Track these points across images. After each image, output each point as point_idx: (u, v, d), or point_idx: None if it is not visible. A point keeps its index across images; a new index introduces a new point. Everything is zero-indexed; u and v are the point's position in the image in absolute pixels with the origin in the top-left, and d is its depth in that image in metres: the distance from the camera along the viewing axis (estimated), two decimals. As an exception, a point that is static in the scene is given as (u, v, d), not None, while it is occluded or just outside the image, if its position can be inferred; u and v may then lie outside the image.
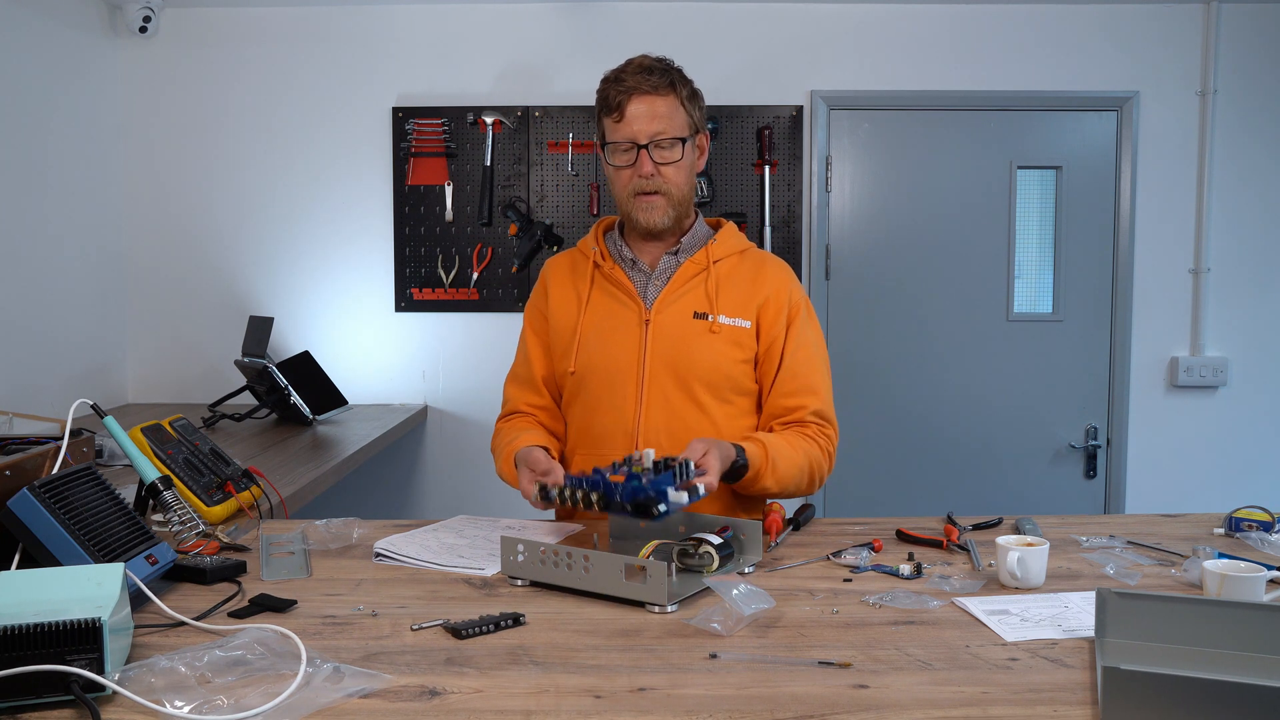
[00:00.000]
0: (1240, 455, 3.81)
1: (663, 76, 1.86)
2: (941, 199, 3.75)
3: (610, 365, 1.90)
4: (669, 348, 1.87)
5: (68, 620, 1.07)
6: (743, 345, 1.89)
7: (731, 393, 1.89)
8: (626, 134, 1.85)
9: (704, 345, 1.87)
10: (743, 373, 1.90)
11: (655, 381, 1.87)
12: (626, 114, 1.84)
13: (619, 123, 1.85)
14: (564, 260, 2.04)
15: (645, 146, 1.84)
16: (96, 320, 3.63)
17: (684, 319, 1.89)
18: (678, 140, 1.86)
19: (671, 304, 1.90)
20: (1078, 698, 1.09)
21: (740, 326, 1.89)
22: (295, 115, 3.76)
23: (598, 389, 1.90)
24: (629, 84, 1.84)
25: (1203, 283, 3.77)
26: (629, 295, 1.92)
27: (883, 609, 1.38)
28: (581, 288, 1.96)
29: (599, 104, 1.89)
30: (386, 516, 2.79)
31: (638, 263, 1.95)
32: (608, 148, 1.88)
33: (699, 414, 1.87)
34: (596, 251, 1.96)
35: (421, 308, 3.78)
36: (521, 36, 3.74)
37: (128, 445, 1.69)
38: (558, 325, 1.97)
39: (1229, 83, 3.72)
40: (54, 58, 3.37)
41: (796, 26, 3.72)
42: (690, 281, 1.91)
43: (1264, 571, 1.38)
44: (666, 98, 1.86)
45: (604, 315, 1.93)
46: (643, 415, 1.87)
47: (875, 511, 3.60)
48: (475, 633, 1.28)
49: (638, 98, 1.84)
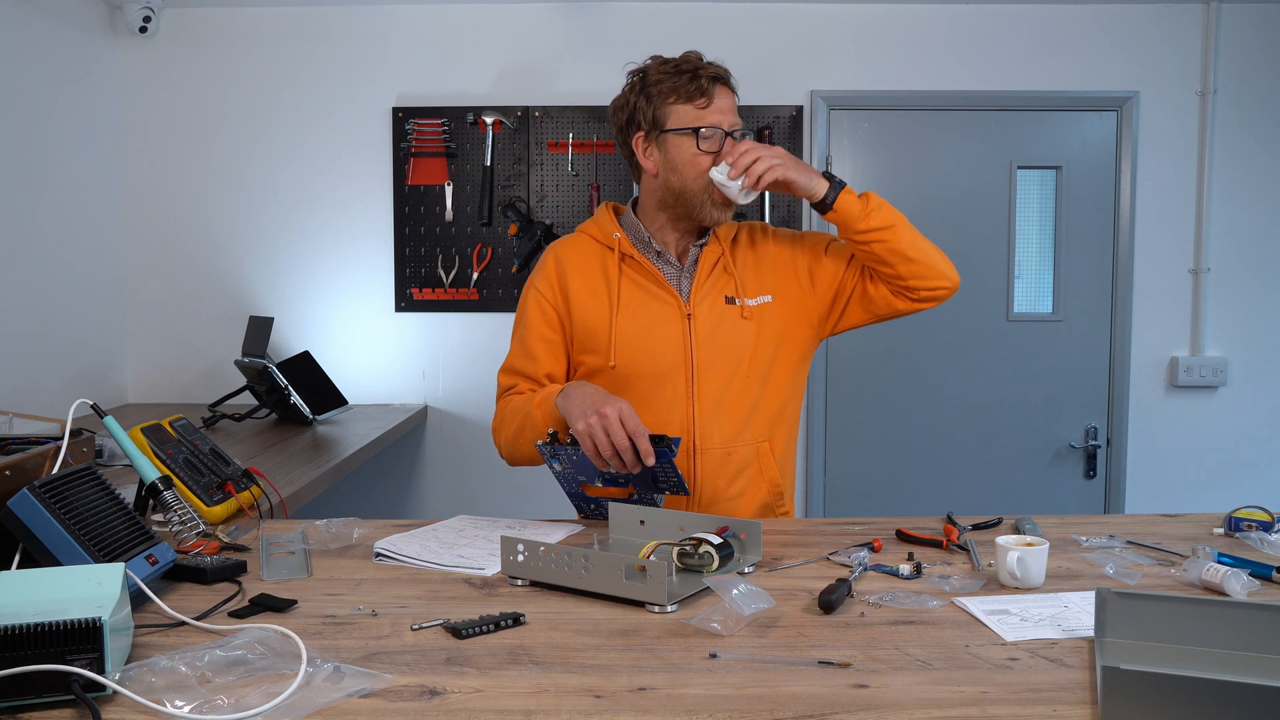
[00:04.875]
0: (1240, 455, 3.81)
1: (727, 71, 1.89)
2: (941, 199, 3.76)
3: (659, 363, 1.88)
4: (713, 340, 1.89)
5: (68, 620, 1.07)
6: (776, 316, 1.92)
7: (775, 369, 1.92)
8: (715, 120, 1.84)
9: (743, 331, 1.90)
10: (781, 346, 1.92)
11: (706, 376, 1.89)
12: (715, 101, 1.84)
13: (706, 109, 1.84)
14: (575, 248, 1.98)
15: (731, 134, 1.84)
16: (96, 320, 3.63)
17: (720, 308, 1.91)
18: (747, 134, 1.88)
19: (707, 295, 1.91)
20: (1077, 698, 1.09)
21: (765, 303, 1.92)
22: (295, 115, 3.76)
23: (645, 388, 1.89)
24: (712, 71, 1.85)
25: (1203, 283, 3.77)
26: (664, 288, 1.91)
27: (883, 609, 1.38)
28: (610, 278, 1.92)
29: (663, 91, 1.85)
30: (386, 516, 2.79)
31: (664, 254, 1.94)
32: (699, 133, 1.84)
33: (750, 400, 1.90)
34: (620, 239, 1.94)
35: (421, 308, 3.78)
36: (521, 36, 3.74)
37: (128, 445, 1.69)
38: (585, 316, 1.92)
39: (1229, 83, 3.73)
40: (54, 58, 3.37)
41: (796, 26, 3.72)
42: (716, 268, 1.93)
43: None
44: (734, 93, 1.90)
45: (642, 311, 1.90)
46: (696, 411, 1.88)
47: (875, 511, 3.60)
48: (475, 633, 1.28)
49: (723, 88, 1.86)
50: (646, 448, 1.66)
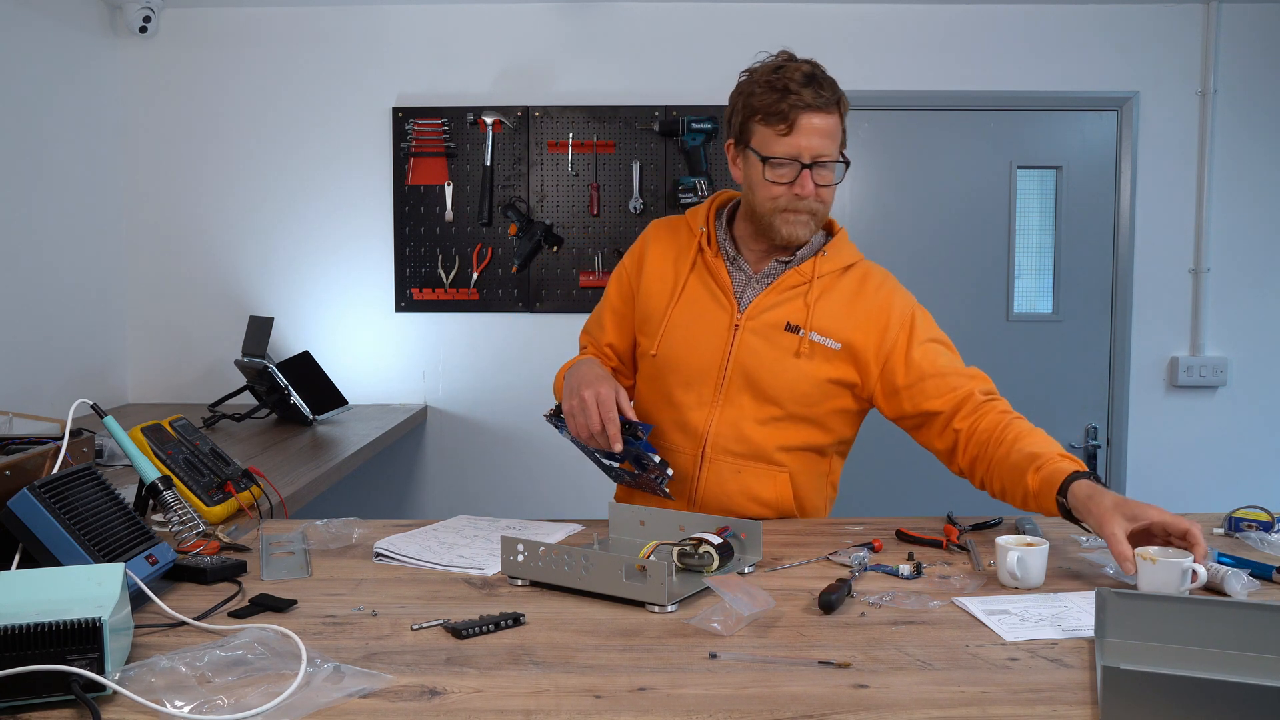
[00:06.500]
0: (1240, 455, 3.81)
1: (832, 92, 1.77)
2: (941, 199, 3.75)
3: (693, 363, 1.87)
4: (753, 358, 1.84)
5: (68, 620, 1.07)
6: (831, 365, 1.83)
7: (807, 411, 1.85)
8: (792, 150, 1.76)
9: (789, 363, 1.83)
10: (825, 394, 1.85)
11: (732, 391, 1.85)
12: (797, 128, 1.75)
13: (784, 136, 1.76)
14: (669, 230, 1.98)
15: (809, 166, 1.76)
16: (96, 320, 3.63)
17: (774, 330, 1.84)
18: (837, 163, 1.80)
19: (765, 311, 1.85)
20: (1077, 698, 1.09)
21: (829, 347, 1.83)
22: (295, 115, 3.76)
23: (673, 385, 1.89)
24: (800, 97, 1.74)
25: (1203, 283, 3.77)
26: (725, 293, 1.88)
27: (883, 609, 1.38)
28: (682, 268, 1.92)
29: (753, 108, 1.79)
30: (386, 516, 2.79)
31: (740, 260, 1.91)
32: (769, 162, 1.77)
33: (770, 428, 1.85)
34: (704, 234, 1.92)
35: (421, 308, 3.78)
36: (521, 36, 3.74)
37: (128, 445, 1.69)
38: (648, 299, 1.93)
39: (1229, 83, 3.72)
40: (54, 57, 3.37)
41: (797, 26, 3.72)
42: (790, 291, 1.86)
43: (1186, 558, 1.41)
44: (832, 116, 1.78)
45: (697, 308, 1.89)
46: (714, 422, 1.86)
47: (875, 511, 3.59)
48: (475, 633, 1.28)
49: (808, 114, 1.75)
50: (615, 433, 1.73)
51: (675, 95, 3.68)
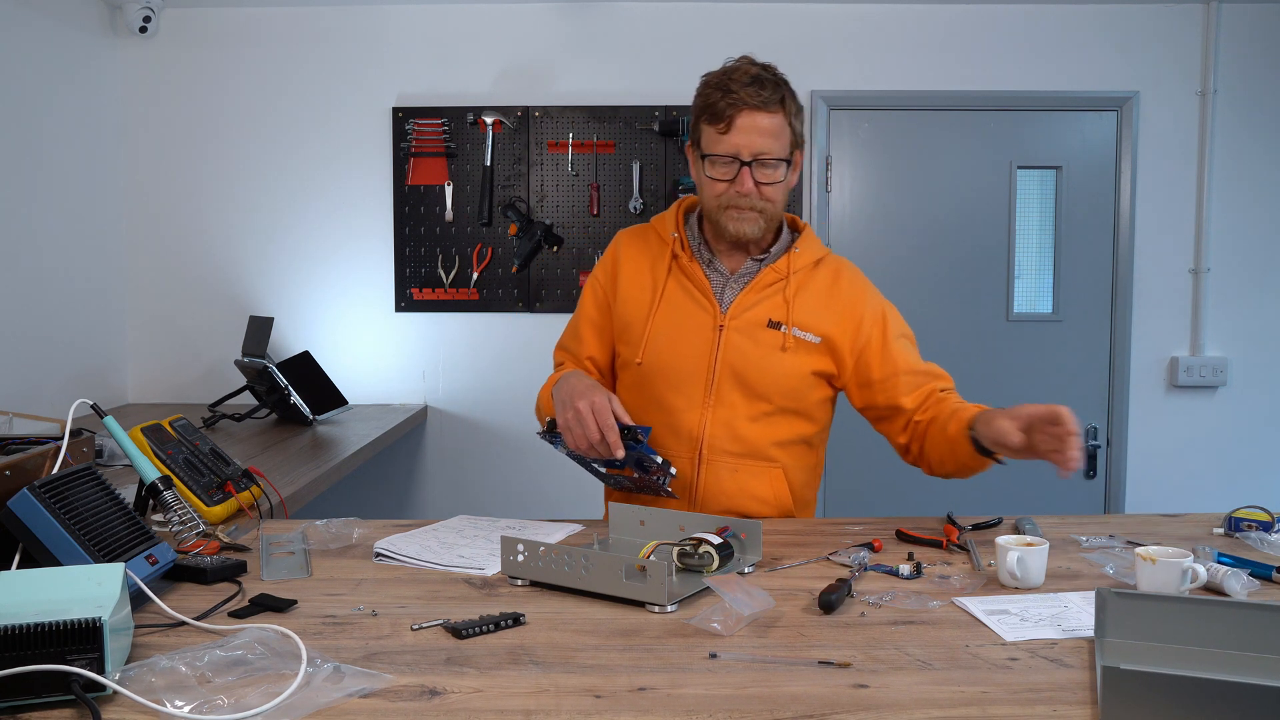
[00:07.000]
0: (1240, 455, 3.81)
1: (774, 92, 1.79)
2: (941, 199, 3.75)
3: (681, 367, 1.88)
4: (740, 357, 1.86)
5: (68, 620, 1.07)
6: (813, 358, 1.88)
7: (795, 405, 1.88)
8: (729, 148, 1.78)
9: (775, 359, 1.86)
10: (810, 386, 1.89)
11: (723, 390, 1.86)
12: (734, 127, 1.77)
13: (724, 134, 1.78)
14: (638, 239, 1.99)
15: (749, 164, 1.78)
16: (96, 320, 3.63)
17: (757, 327, 1.87)
18: (781, 161, 1.81)
19: (747, 310, 1.88)
20: (1077, 698, 1.09)
21: (810, 341, 1.87)
22: (295, 115, 3.76)
23: (663, 389, 1.89)
24: (739, 96, 1.76)
25: (1203, 283, 3.77)
26: (705, 295, 1.89)
27: (883, 609, 1.38)
28: (658, 275, 1.92)
29: (700, 108, 1.82)
30: (386, 516, 2.79)
31: (715, 262, 1.92)
32: (707, 159, 1.81)
33: (762, 425, 1.87)
34: (677, 240, 1.93)
35: (421, 308, 3.78)
36: (521, 36, 3.74)
37: (128, 445, 1.69)
38: (626, 311, 1.94)
39: (1229, 83, 3.73)
40: (54, 58, 3.37)
41: (796, 26, 3.72)
42: (768, 289, 1.89)
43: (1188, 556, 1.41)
44: (775, 115, 1.79)
45: (679, 313, 1.90)
46: (708, 423, 1.87)
47: (875, 511, 3.60)
48: (475, 633, 1.28)
49: (747, 112, 1.77)
50: (615, 440, 1.70)
51: (675, 95, 3.68)
